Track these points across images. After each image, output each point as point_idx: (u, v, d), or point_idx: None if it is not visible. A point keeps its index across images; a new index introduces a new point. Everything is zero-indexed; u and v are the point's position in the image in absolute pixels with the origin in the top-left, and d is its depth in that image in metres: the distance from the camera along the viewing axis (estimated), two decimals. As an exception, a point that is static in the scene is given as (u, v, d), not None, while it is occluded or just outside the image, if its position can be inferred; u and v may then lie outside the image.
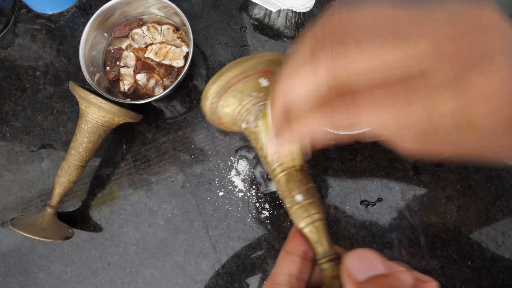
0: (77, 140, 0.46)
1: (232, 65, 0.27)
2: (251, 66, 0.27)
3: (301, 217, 0.25)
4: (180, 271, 0.49)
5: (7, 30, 0.56)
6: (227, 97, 0.28)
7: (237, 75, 0.27)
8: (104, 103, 0.44)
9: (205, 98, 0.29)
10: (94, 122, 0.45)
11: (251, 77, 0.27)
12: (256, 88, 0.27)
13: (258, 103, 0.27)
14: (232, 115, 0.29)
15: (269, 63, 0.27)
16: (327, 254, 0.23)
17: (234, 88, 0.27)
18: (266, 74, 0.27)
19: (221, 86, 0.27)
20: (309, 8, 0.49)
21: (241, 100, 0.28)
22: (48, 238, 0.45)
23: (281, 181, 0.26)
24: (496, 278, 0.45)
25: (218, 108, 0.29)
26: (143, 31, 0.52)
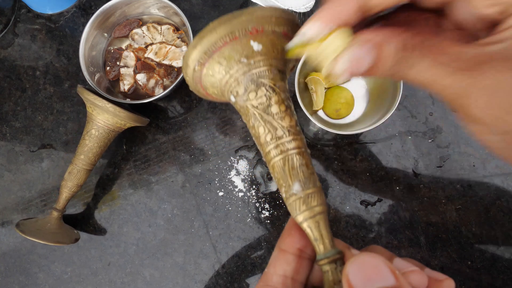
0: (87, 145, 0.46)
1: (216, 24, 0.22)
2: (239, 25, 0.22)
3: (299, 210, 0.21)
4: (180, 271, 0.49)
5: (7, 30, 0.56)
6: (211, 64, 0.23)
7: (222, 37, 0.22)
8: (118, 110, 0.43)
9: (186, 65, 0.24)
10: (106, 128, 0.45)
11: (239, 39, 0.22)
12: (246, 53, 0.22)
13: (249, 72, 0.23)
14: (219, 85, 0.24)
15: (262, 20, 0.22)
16: (328, 254, 0.20)
17: (220, 53, 0.23)
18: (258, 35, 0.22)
19: (204, 50, 0.22)
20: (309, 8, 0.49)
21: (228, 68, 0.23)
22: (61, 242, 0.45)
23: (275, 166, 0.22)
24: (496, 278, 0.45)
25: (202, 77, 0.24)
26: (143, 31, 0.52)
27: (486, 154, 0.48)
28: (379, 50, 0.17)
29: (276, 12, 0.22)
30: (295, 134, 0.23)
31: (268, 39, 0.23)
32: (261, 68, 0.23)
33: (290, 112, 0.23)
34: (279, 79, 0.23)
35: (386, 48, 0.17)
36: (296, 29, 0.22)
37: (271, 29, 0.22)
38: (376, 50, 0.17)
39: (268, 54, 0.23)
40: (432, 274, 0.18)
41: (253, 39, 0.22)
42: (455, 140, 0.49)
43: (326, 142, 0.50)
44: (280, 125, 0.22)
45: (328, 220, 0.22)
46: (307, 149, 0.23)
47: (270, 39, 0.23)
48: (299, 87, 0.45)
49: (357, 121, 0.49)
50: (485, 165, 0.48)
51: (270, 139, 0.22)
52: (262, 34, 0.23)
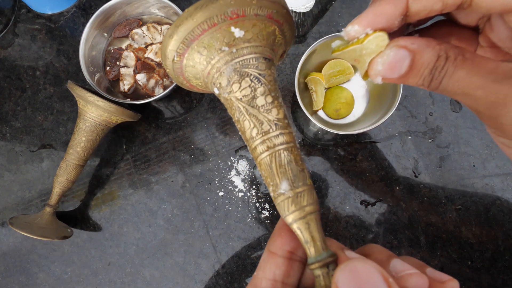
0: (75, 139, 0.46)
1: (192, 10, 0.20)
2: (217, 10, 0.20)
3: (288, 211, 0.20)
4: (180, 271, 0.49)
5: (7, 30, 0.56)
6: (191, 54, 0.21)
7: (200, 24, 0.20)
8: (101, 102, 0.44)
9: (164, 56, 0.22)
10: (92, 121, 0.45)
11: (219, 26, 0.20)
12: (227, 40, 0.20)
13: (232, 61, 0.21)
14: (202, 77, 0.22)
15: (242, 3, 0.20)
16: (320, 257, 0.19)
17: (199, 42, 0.21)
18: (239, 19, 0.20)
19: (181, 40, 0.21)
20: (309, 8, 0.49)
21: (209, 58, 0.21)
22: (46, 237, 0.45)
23: (262, 164, 0.20)
24: (496, 278, 0.45)
25: (183, 68, 0.22)
26: (143, 31, 0.52)
27: (486, 154, 0.48)
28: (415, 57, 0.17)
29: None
30: (283, 128, 0.21)
31: (250, 24, 0.20)
32: (244, 56, 0.21)
33: (278, 104, 0.21)
34: (265, 67, 0.21)
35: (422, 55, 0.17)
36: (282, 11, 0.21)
37: (253, 12, 0.20)
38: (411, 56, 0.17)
39: (252, 40, 0.21)
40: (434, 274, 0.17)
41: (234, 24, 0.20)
42: (455, 140, 0.49)
43: (326, 142, 0.50)
44: (266, 118, 0.20)
45: (320, 221, 0.20)
46: (296, 144, 0.21)
47: (253, 24, 0.20)
48: (299, 87, 0.45)
49: (357, 121, 0.49)
50: (485, 165, 0.48)
51: (256, 134, 0.21)
52: (244, 19, 0.20)
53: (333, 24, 0.52)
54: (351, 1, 0.52)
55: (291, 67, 0.51)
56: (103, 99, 0.44)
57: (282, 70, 0.52)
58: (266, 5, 0.20)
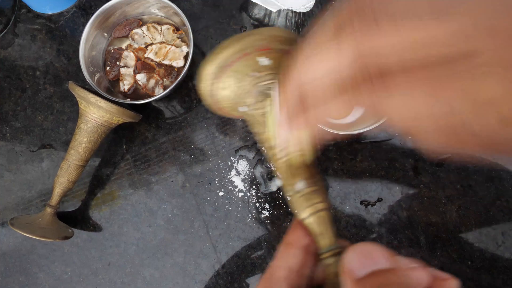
0: (76, 140, 0.46)
1: (229, 42, 0.25)
2: (249, 43, 0.24)
3: (303, 207, 0.23)
4: (180, 271, 0.49)
5: (7, 30, 0.56)
6: (224, 78, 0.26)
7: (234, 54, 0.25)
8: (103, 103, 0.44)
9: (201, 79, 0.27)
10: (93, 121, 0.45)
11: (249, 56, 0.25)
12: (255, 68, 0.25)
13: (258, 84, 0.25)
14: (231, 97, 0.27)
15: (269, 39, 0.25)
16: (331, 248, 0.21)
17: (232, 68, 0.25)
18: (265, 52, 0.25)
19: (218, 66, 0.25)
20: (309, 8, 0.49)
21: (239, 81, 0.25)
22: (47, 237, 0.45)
23: (282, 167, 0.24)
24: (496, 278, 0.45)
25: (216, 90, 0.27)
26: (143, 31, 0.52)
27: (486, 154, 0.48)
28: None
29: (282, 32, 0.25)
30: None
31: (275, 56, 0.25)
32: (269, 81, 0.25)
33: None
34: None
35: None
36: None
37: (277, 47, 0.25)
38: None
39: (275, 68, 0.25)
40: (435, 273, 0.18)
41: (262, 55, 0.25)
42: (455, 140, 0.49)
43: (326, 142, 0.50)
44: None
45: (330, 217, 0.23)
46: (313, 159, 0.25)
47: (276, 56, 0.25)
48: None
49: (357, 121, 0.49)
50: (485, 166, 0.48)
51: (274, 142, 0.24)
52: (270, 51, 0.25)
53: (333, 24, 0.52)
54: (351, 1, 0.52)
55: (291, 67, 0.51)
56: (105, 100, 0.44)
57: (282, 70, 0.52)
58: (287, 42, 0.25)
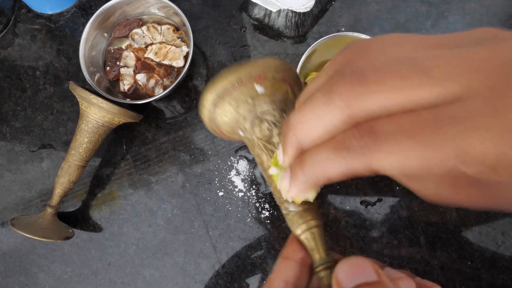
0: (77, 140, 0.46)
1: (226, 73, 0.27)
2: (245, 73, 0.27)
3: (296, 224, 0.24)
4: (180, 271, 0.49)
5: (7, 30, 0.56)
6: (223, 105, 0.28)
7: (231, 83, 0.27)
8: (104, 104, 0.44)
9: (202, 106, 0.29)
10: (94, 122, 0.45)
11: (245, 84, 0.27)
12: (251, 95, 0.27)
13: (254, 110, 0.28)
14: (230, 123, 0.29)
15: (263, 68, 0.27)
16: (323, 261, 0.23)
17: (230, 96, 0.27)
18: (260, 80, 0.27)
19: (217, 94, 0.27)
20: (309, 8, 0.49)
21: (237, 108, 0.28)
22: (48, 238, 0.45)
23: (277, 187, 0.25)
24: (496, 278, 0.45)
25: (216, 116, 0.29)
26: (143, 31, 0.52)
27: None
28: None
29: (276, 62, 0.27)
30: None
31: (269, 83, 0.27)
32: (264, 107, 0.27)
33: None
34: (280, 116, 0.28)
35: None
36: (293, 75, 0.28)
37: (271, 75, 0.27)
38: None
39: (270, 95, 0.27)
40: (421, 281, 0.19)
41: (257, 83, 0.27)
42: (455, 140, 0.49)
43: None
44: None
45: (323, 232, 0.24)
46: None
47: (271, 83, 0.27)
48: (299, 87, 0.45)
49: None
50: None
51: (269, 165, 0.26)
52: (265, 79, 0.27)
53: (333, 24, 0.52)
54: (351, 1, 0.52)
55: (291, 67, 0.51)
56: (106, 100, 0.44)
57: (282, 70, 0.52)
58: (281, 70, 0.27)
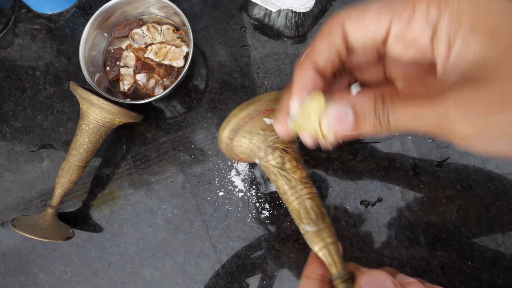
0: (78, 140, 0.46)
1: (237, 110, 0.30)
2: (254, 109, 0.30)
3: (314, 242, 0.27)
4: (180, 271, 0.49)
5: (7, 30, 0.56)
6: (238, 137, 0.31)
7: (243, 118, 0.30)
8: (105, 104, 0.44)
9: (220, 141, 0.33)
10: (95, 122, 0.45)
11: (255, 118, 0.30)
12: (261, 127, 0.30)
13: (266, 140, 0.31)
14: (246, 152, 0.32)
15: (269, 102, 0.30)
16: (340, 275, 0.25)
17: (243, 130, 0.30)
18: (268, 112, 0.30)
19: (231, 129, 0.31)
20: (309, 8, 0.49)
21: (251, 139, 0.31)
22: (49, 238, 0.45)
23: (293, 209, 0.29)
24: (496, 278, 0.45)
25: (233, 148, 0.33)
26: (143, 31, 0.52)
27: (486, 154, 0.48)
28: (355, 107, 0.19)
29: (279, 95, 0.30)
30: (306, 183, 0.30)
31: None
32: (274, 136, 0.30)
33: (301, 167, 0.30)
34: (289, 143, 0.31)
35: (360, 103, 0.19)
36: None
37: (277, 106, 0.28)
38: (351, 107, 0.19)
39: None
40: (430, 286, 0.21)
41: (265, 116, 0.30)
42: (455, 140, 0.49)
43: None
44: (293, 177, 0.29)
45: (338, 248, 0.27)
46: (317, 193, 0.30)
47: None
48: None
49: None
50: (485, 165, 0.48)
51: (287, 189, 0.29)
52: (272, 112, 0.30)
53: (333, 24, 0.52)
54: (351, 1, 0.52)
55: (291, 67, 0.51)
56: (107, 101, 0.44)
57: (282, 70, 0.52)
58: None
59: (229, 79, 0.52)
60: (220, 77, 0.52)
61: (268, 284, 0.48)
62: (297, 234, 0.48)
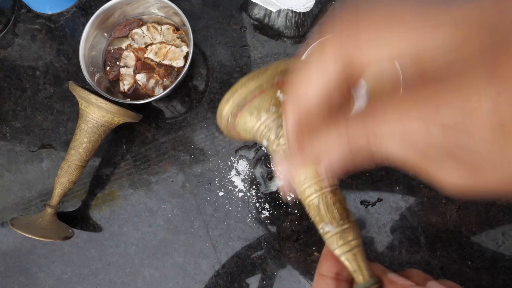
0: (77, 140, 0.46)
1: (245, 80, 0.24)
2: (266, 79, 0.24)
3: (336, 245, 0.23)
4: (180, 271, 0.49)
5: (7, 30, 0.56)
6: (244, 114, 0.26)
7: (252, 91, 0.24)
8: (104, 103, 0.44)
9: (220, 117, 0.27)
10: (94, 122, 0.45)
11: (267, 91, 0.25)
12: (274, 103, 0.25)
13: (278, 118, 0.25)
14: (251, 132, 0.27)
15: (284, 73, 0.25)
16: (367, 284, 0.22)
17: (250, 105, 0.25)
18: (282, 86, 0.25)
19: (236, 104, 0.25)
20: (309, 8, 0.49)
21: (259, 117, 0.25)
22: (47, 238, 0.45)
23: (311, 204, 0.24)
24: (496, 278, 0.45)
25: (236, 126, 0.27)
26: (143, 31, 0.52)
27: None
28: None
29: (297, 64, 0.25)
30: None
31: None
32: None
33: None
34: None
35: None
36: None
37: None
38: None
39: None
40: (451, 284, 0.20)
41: (279, 89, 0.25)
42: (455, 140, 0.49)
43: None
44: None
45: (364, 251, 0.23)
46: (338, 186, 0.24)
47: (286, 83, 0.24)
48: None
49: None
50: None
51: (304, 178, 0.24)
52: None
53: (333, 24, 0.52)
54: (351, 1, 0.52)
55: (291, 67, 0.51)
56: (105, 100, 0.44)
57: (282, 70, 0.52)
58: None
59: (229, 79, 0.52)
60: (220, 77, 0.52)
61: (268, 284, 0.48)
62: (297, 234, 0.48)
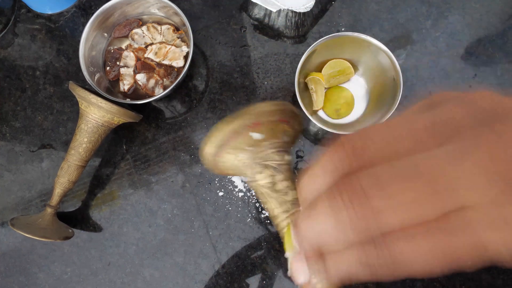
0: (77, 140, 0.46)
1: (222, 125, 0.27)
2: (239, 123, 0.26)
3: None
4: (180, 271, 0.49)
5: (7, 30, 0.56)
6: (222, 154, 0.28)
7: (228, 134, 0.27)
8: (104, 103, 0.44)
9: (203, 157, 0.29)
10: (94, 122, 0.45)
11: (241, 134, 0.27)
12: (249, 143, 0.27)
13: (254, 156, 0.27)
14: (233, 168, 0.29)
15: (257, 115, 0.27)
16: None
17: (228, 146, 0.27)
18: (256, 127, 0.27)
19: (214, 145, 0.27)
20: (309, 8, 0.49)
21: (236, 156, 0.28)
22: (47, 238, 0.45)
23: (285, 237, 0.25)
24: (496, 278, 0.45)
25: (218, 164, 0.29)
26: (143, 31, 0.52)
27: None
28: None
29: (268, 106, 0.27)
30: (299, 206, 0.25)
31: (266, 128, 0.27)
32: (263, 152, 0.27)
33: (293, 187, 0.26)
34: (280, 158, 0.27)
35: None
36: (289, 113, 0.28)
37: (266, 120, 0.27)
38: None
39: (268, 139, 0.27)
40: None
41: (253, 131, 0.27)
42: (455, 140, 0.49)
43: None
44: (284, 200, 0.25)
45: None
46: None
47: (268, 128, 0.27)
48: (299, 87, 0.45)
49: (357, 121, 0.49)
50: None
51: (278, 213, 0.25)
52: (260, 126, 0.27)
53: (333, 24, 0.52)
54: (351, 1, 0.52)
55: (291, 67, 0.51)
56: (105, 100, 0.44)
57: (282, 70, 0.52)
58: (277, 113, 0.27)
59: (229, 79, 0.52)
60: (220, 77, 0.52)
61: (268, 284, 0.48)
62: (297, 234, 0.48)
